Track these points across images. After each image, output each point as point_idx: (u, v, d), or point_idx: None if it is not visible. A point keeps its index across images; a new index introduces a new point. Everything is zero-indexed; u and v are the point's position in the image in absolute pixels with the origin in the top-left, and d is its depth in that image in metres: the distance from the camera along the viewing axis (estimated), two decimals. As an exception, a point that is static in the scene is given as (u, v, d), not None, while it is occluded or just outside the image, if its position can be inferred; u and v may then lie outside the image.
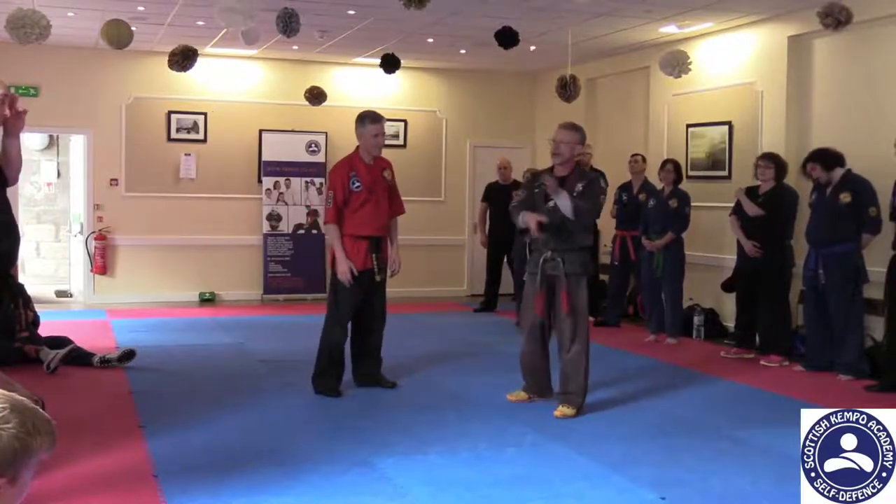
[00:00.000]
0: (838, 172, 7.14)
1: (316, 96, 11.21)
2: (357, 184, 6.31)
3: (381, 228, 6.42)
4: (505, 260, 10.69)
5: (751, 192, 7.92)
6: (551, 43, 10.01)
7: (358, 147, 6.46)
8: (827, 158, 7.15)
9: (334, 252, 6.31)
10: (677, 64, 8.90)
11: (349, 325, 6.46)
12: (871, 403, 5.12)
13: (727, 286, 8.53)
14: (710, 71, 9.58)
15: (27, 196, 12.33)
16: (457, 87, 12.61)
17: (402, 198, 6.70)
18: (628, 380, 6.96)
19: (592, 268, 6.07)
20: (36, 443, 1.79)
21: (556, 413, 5.77)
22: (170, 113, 11.44)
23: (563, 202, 5.74)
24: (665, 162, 9.01)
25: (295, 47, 10.65)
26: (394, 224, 6.59)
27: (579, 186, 5.87)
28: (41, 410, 1.85)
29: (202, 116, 11.56)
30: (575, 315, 5.85)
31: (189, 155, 11.50)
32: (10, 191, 4.91)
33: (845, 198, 7.05)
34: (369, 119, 6.40)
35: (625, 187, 9.68)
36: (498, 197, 10.31)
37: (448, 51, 10.88)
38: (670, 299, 8.73)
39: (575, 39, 9.64)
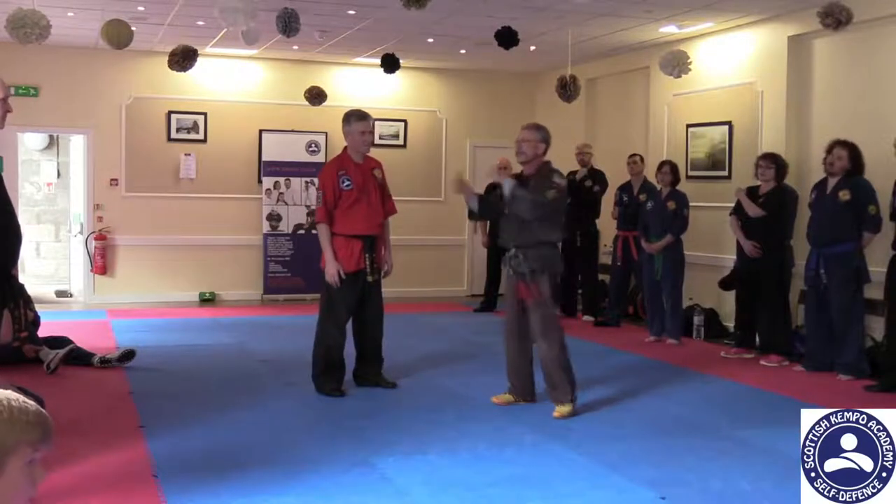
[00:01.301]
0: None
1: (316, 96, 11.21)
2: (347, 182, 6.29)
3: (375, 227, 6.39)
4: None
5: (751, 193, 7.91)
6: (551, 43, 10.00)
7: (346, 147, 6.46)
8: (857, 154, 7.12)
9: (324, 253, 6.29)
10: (677, 64, 8.90)
11: (348, 326, 6.45)
12: (871, 403, 5.12)
13: (725, 284, 8.53)
14: (710, 71, 9.58)
15: (27, 196, 12.34)
16: (457, 87, 12.61)
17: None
18: (628, 380, 6.95)
19: (559, 265, 6.01)
20: (14, 432, 1.66)
21: (555, 414, 5.76)
22: (170, 113, 11.43)
23: (507, 185, 6.01)
24: (662, 163, 8.99)
25: (295, 47, 10.64)
26: (385, 225, 6.55)
27: (531, 183, 5.95)
28: (31, 402, 1.73)
29: (202, 116, 11.56)
30: (540, 310, 5.86)
31: (189, 155, 11.50)
32: (10, 191, 4.89)
33: (844, 196, 7.05)
34: (355, 117, 6.39)
35: (625, 188, 9.66)
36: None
37: (448, 51, 10.88)
38: (670, 300, 8.70)
39: (575, 39, 9.64)
